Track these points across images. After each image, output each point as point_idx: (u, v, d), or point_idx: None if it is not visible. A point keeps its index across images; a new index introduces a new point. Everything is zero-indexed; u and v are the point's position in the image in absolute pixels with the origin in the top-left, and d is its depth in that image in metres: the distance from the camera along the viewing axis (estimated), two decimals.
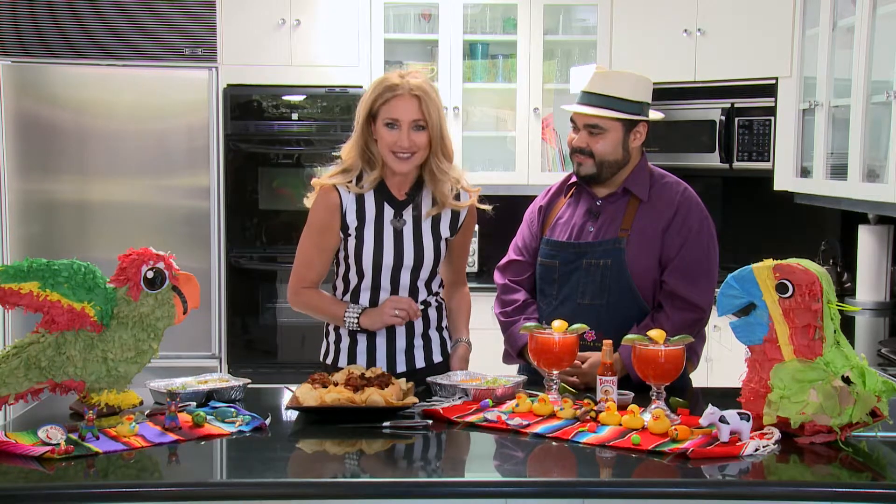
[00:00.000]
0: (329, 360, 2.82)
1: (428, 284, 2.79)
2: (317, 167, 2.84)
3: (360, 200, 2.71)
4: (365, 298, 2.76)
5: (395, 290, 2.75)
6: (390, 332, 2.76)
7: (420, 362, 2.79)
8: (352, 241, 2.72)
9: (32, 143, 4.89)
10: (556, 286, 2.87)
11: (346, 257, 2.75)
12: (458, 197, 2.76)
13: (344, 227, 2.71)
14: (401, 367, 2.77)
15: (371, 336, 2.76)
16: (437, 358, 2.82)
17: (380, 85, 2.67)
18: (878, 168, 3.60)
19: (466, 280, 2.97)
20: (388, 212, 2.73)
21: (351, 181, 2.71)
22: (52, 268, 2.32)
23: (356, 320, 2.72)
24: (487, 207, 2.85)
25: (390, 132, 2.64)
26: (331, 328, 2.84)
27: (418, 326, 2.79)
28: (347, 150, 2.74)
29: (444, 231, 2.78)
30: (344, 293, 2.79)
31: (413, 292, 2.77)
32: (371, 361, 2.76)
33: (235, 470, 2.20)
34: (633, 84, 2.82)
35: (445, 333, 2.87)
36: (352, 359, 2.77)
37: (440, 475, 2.14)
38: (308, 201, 2.79)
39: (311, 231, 2.76)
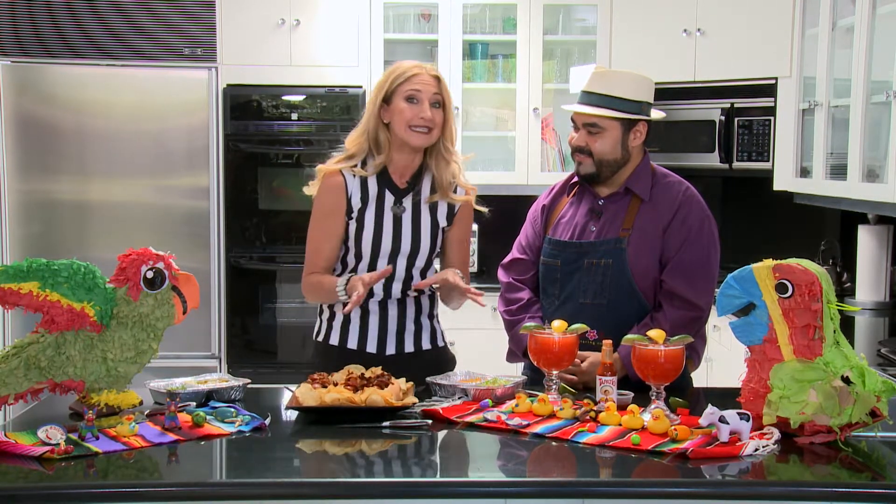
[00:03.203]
0: (321, 338, 2.87)
1: (423, 273, 2.84)
2: (316, 167, 2.86)
3: (363, 184, 2.78)
4: None
5: (390, 275, 2.78)
6: (383, 313, 2.81)
7: (409, 346, 2.84)
8: (353, 224, 2.77)
9: (32, 143, 4.89)
10: (558, 285, 2.87)
11: (347, 240, 2.80)
12: (455, 191, 2.85)
13: (348, 211, 2.77)
14: (391, 348, 2.82)
15: (364, 316, 2.81)
16: (426, 345, 2.86)
17: (398, 68, 2.77)
18: (877, 168, 3.60)
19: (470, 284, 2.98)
20: (389, 198, 2.79)
21: (355, 165, 2.79)
22: (52, 268, 2.32)
23: (343, 289, 2.71)
24: (484, 209, 2.93)
25: (411, 107, 2.72)
26: (324, 306, 2.88)
27: (410, 311, 2.84)
28: (354, 138, 2.82)
29: (442, 220, 2.84)
30: (342, 275, 2.82)
31: (407, 279, 2.82)
32: (363, 341, 2.80)
33: (235, 470, 2.19)
34: (633, 83, 2.82)
35: (437, 322, 2.92)
36: (343, 337, 2.81)
37: (440, 475, 2.13)
38: (309, 189, 2.85)
39: (317, 216, 2.82)
